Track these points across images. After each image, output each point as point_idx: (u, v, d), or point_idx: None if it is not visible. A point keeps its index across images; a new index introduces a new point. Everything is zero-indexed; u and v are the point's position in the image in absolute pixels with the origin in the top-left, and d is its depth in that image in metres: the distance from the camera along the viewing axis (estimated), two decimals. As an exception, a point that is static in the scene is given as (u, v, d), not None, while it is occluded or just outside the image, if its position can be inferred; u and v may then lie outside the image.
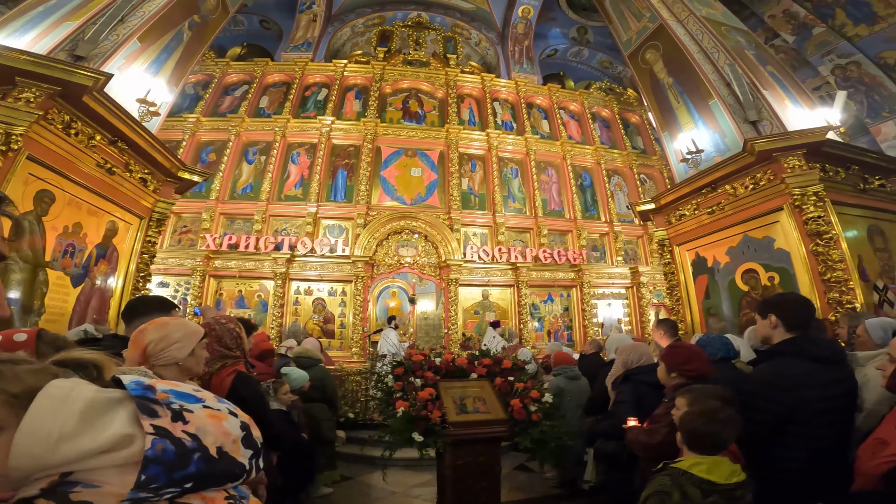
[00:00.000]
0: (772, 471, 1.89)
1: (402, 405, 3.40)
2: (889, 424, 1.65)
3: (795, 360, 1.99)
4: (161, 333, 1.60)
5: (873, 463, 1.47)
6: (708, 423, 1.73)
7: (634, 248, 11.00)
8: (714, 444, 1.72)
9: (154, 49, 5.88)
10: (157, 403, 0.64)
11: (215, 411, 0.70)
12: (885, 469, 1.42)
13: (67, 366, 0.73)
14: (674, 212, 6.63)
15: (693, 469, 1.63)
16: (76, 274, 4.60)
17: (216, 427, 0.68)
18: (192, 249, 8.81)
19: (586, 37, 13.47)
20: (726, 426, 1.73)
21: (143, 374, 1.20)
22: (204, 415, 0.68)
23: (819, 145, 5.08)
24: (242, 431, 0.72)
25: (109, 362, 0.78)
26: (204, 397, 0.72)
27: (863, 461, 1.55)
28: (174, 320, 1.70)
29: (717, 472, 1.62)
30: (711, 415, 1.75)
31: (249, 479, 0.72)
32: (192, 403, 0.68)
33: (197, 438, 0.64)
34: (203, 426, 0.66)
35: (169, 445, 0.61)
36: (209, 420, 0.68)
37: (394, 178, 10.19)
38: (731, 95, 6.00)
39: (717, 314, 5.85)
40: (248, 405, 2.23)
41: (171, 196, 6.05)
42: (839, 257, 4.75)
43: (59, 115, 4.35)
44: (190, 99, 10.59)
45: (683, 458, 1.75)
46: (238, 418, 0.73)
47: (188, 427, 0.64)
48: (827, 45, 9.96)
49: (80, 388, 0.62)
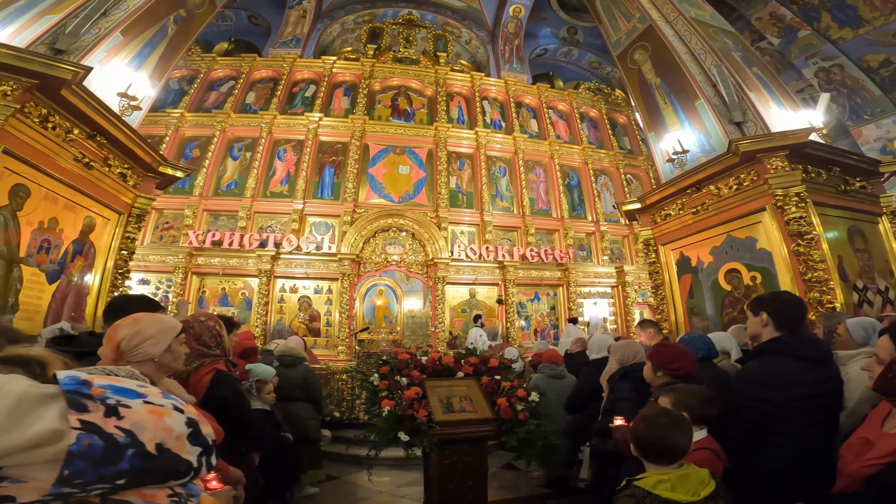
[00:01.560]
0: (757, 470, 1.89)
1: (388, 404, 3.37)
2: (872, 423, 1.64)
3: (783, 358, 2.00)
4: (134, 329, 1.55)
5: (857, 465, 1.46)
6: (650, 430, 1.64)
7: (620, 248, 11.10)
8: (665, 452, 1.61)
9: (137, 43, 5.77)
10: (89, 398, 0.62)
11: (157, 407, 0.68)
12: (868, 473, 1.41)
13: (11, 362, 0.71)
14: (659, 211, 6.69)
15: (657, 489, 1.51)
16: (51, 270, 4.48)
17: (156, 423, 0.66)
18: (174, 246, 8.66)
19: (576, 37, 13.55)
20: (670, 431, 1.61)
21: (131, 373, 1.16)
22: (143, 410, 0.66)
23: (802, 147, 5.15)
24: (188, 428, 0.70)
25: (54, 359, 0.77)
26: (148, 393, 0.70)
27: (846, 461, 1.55)
28: (149, 316, 1.65)
29: (684, 488, 1.51)
30: (652, 420, 1.67)
31: (199, 476, 0.71)
32: (132, 399, 0.67)
33: (132, 434, 0.63)
34: (140, 422, 0.64)
35: (97, 441, 0.59)
36: (148, 416, 0.66)
37: (381, 176, 10.14)
38: (717, 96, 6.06)
39: (701, 313, 5.91)
40: (228, 405, 2.19)
41: (152, 192, 5.93)
42: (820, 258, 4.83)
43: (36, 108, 4.25)
44: (174, 94, 10.43)
45: (647, 473, 1.62)
46: (184, 414, 0.71)
47: (122, 423, 0.63)
48: (811, 47, 10.15)
49: (13, 383, 0.60)
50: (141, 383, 0.74)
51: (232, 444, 2.19)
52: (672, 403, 2.01)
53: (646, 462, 1.67)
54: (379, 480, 4.85)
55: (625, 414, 2.64)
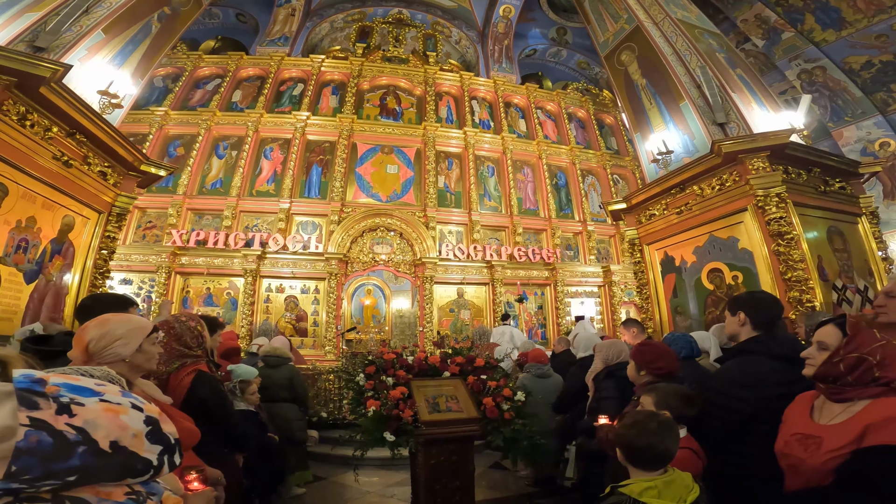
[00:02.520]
0: (733, 468, 1.92)
1: (374, 404, 3.35)
2: (799, 418, 1.65)
3: (760, 358, 2.02)
4: (102, 331, 1.52)
5: (819, 459, 1.45)
6: (640, 436, 1.60)
7: (607, 248, 11.19)
8: (655, 458, 1.58)
9: (119, 40, 5.68)
10: (41, 396, 0.63)
11: (114, 405, 0.70)
12: (834, 465, 1.42)
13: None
14: (644, 211, 6.76)
15: (644, 496, 1.48)
16: (29, 270, 4.39)
17: (111, 420, 0.67)
18: (158, 245, 8.54)
19: (565, 38, 13.62)
20: (661, 437, 1.59)
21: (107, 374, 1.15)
22: (98, 408, 0.67)
23: (782, 148, 5.23)
24: (147, 426, 0.71)
25: (16, 359, 0.78)
26: (105, 391, 0.71)
27: (799, 459, 1.52)
28: (117, 316, 1.62)
29: (670, 495, 1.49)
30: (643, 425, 1.63)
31: (161, 474, 0.72)
32: (87, 397, 0.68)
33: (84, 431, 0.64)
34: (93, 419, 0.66)
35: (46, 437, 0.60)
36: (103, 413, 0.67)
37: (369, 175, 10.10)
38: (701, 97, 6.14)
39: (684, 312, 5.98)
40: (209, 406, 2.17)
41: (134, 190, 5.85)
42: (800, 257, 4.91)
43: (14, 106, 4.17)
44: (159, 92, 10.29)
45: (632, 480, 1.58)
46: (143, 413, 0.72)
47: (74, 420, 0.64)
48: (795, 49, 10.32)
49: None
50: (100, 382, 0.74)
51: (214, 445, 2.17)
52: (653, 403, 2.03)
53: (631, 468, 1.63)
54: (366, 481, 4.84)
55: (609, 413, 2.66)
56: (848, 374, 1.49)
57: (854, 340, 1.51)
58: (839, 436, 1.44)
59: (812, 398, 1.67)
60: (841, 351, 1.52)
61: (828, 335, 1.60)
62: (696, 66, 6.30)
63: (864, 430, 1.38)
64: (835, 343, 1.56)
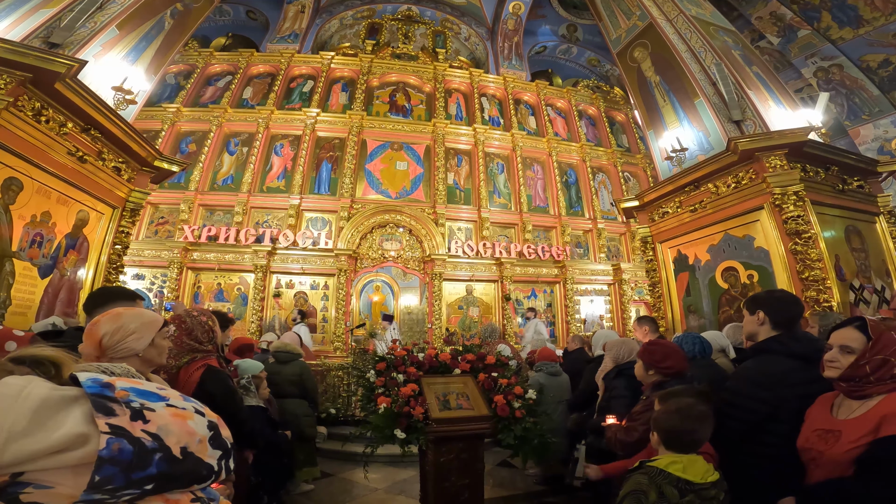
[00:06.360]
0: (749, 468, 1.88)
1: (384, 401, 3.34)
2: (820, 415, 1.71)
3: (778, 357, 1.99)
4: (116, 324, 1.50)
5: (839, 450, 1.53)
6: (685, 421, 1.71)
7: (617, 246, 11.10)
8: (691, 443, 1.70)
9: (133, 37, 5.72)
10: (114, 402, 0.61)
11: (180, 410, 0.67)
12: (855, 455, 1.48)
13: (24, 363, 0.70)
14: (657, 209, 6.68)
15: (670, 468, 1.61)
16: (44, 265, 4.44)
17: (180, 426, 0.65)
18: (170, 241, 8.60)
19: (576, 34, 13.51)
20: (702, 423, 1.72)
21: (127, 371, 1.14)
22: (167, 413, 0.65)
23: (800, 146, 5.14)
24: (210, 431, 0.69)
25: (68, 359, 0.75)
26: (168, 395, 0.69)
27: (820, 452, 1.60)
28: (129, 310, 1.61)
29: (693, 471, 1.61)
30: (687, 412, 1.73)
31: (219, 480, 0.70)
32: (155, 402, 0.65)
33: (158, 438, 0.61)
34: (165, 425, 0.63)
35: (126, 445, 0.58)
36: (172, 419, 0.65)
37: (379, 172, 10.09)
38: (717, 95, 6.05)
39: (697, 311, 5.91)
40: (218, 401, 2.16)
41: (147, 186, 5.89)
42: (817, 256, 4.83)
43: (29, 101, 4.21)
44: (171, 89, 10.37)
45: (659, 456, 1.72)
46: (205, 417, 0.70)
47: (149, 426, 0.61)
48: (811, 47, 10.14)
49: (33, 385, 0.59)
50: (161, 386, 0.72)
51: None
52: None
53: (663, 449, 1.75)
54: (375, 477, 4.84)
55: (619, 412, 2.63)
56: (872, 374, 1.57)
57: (878, 344, 1.59)
58: (857, 428, 1.53)
59: (833, 397, 1.74)
60: (867, 354, 1.60)
61: (853, 339, 1.67)
62: (712, 62, 6.21)
63: (881, 421, 1.47)
64: (860, 347, 1.64)
